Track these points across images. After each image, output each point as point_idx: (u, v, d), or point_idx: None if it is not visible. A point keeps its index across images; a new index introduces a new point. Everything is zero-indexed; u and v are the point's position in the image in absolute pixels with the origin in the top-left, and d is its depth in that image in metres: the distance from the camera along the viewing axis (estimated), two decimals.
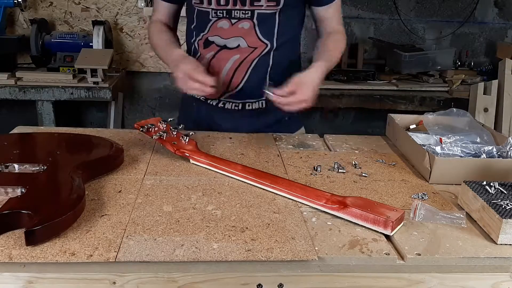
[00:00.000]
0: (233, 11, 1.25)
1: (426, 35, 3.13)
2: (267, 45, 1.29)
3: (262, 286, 0.73)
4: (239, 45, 1.28)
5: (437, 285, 0.76)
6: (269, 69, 1.33)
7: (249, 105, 1.37)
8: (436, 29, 3.13)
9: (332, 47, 1.31)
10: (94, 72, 2.36)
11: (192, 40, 1.37)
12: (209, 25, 1.30)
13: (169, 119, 1.24)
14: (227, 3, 1.25)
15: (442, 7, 3.09)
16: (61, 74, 2.43)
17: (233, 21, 1.27)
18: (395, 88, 2.80)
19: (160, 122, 1.20)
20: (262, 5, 1.24)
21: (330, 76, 2.81)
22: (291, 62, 1.37)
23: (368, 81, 2.85)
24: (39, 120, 2.42)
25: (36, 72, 2.49)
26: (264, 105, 1.38)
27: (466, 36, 3.17)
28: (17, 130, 1.28)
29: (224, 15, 1.27)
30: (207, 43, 1.32)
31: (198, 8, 1.30)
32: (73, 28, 2.80)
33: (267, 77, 1.30)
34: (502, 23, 3.16)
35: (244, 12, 1.25)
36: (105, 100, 2.44)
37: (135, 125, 1.17)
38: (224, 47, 1.29)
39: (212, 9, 1.27)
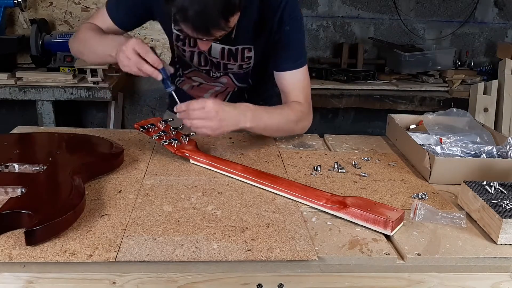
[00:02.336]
0: (211, 71, 1.34)
1: (426, 35, 3.13)
2: (243, 86, 1.39)
3: (262, 286, 0.72)
4: (220, 86, 1.39)
5: (437, 285, 0.76)
6: (246, 93, 1.41)
7: None
8: (436, 29, 3.13)
9: (275, 111, 1.21)
10: (94, 72, 2.36)
11: (175, 67, 1.46)
12: (191, 69, 1.38)
13: (169, 119, 1.24)
14: (206, 65, 1.31)
15: (442, 7, 3.09)
16: (61, 74, 2.43)
17: (212, 76, 1.37)
18: (395, 88, 2.80)
19: (160, 122, 1.20)
20: (234, 70, 1.32)
21: (330, 76, 2.81)
22: (266, 81, 1.44)
23: (368, 81, 2.85)
24: (39, 120, 2.42)
25: (36, 72, 2.49)
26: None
27: (466, 36, 3.17)
28: (17, 130, 1.28)
29: (203, 72, 1.36)
30: (189, 77, 1.41)
31: (181, 57, 1.35)
32: (73, 28, 2.80)
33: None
34: (502, 23, 3.16)
35: (220, 72, 1.35)
36: (105, 100, 2.44)
37: (135, 125, 1.17)
38: (206, 84, 1.39)
39: (193, 65, 1.35)
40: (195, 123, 1.06)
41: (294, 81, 1.26)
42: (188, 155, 1.10)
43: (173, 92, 1.14)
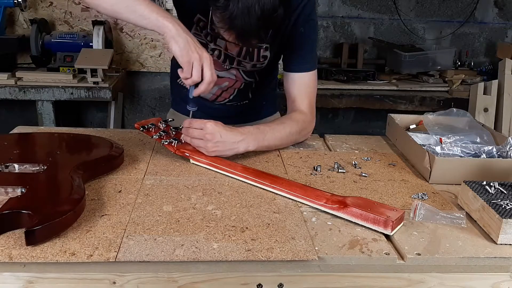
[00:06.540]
0: (223, 64, 1.32)
1: (426, 35, 3.13)
2: (250, 80, 1.37)
3: (262, 286, 0.73)
4: (228, 77, 1.35)
5: (437, 285, 0.76)
6: (250, 92, 1.41)
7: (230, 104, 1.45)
8: (436, 29, 3.13)
9: (277, 127, 1.20)
10: (94, 72, 2.36)
11: None
12: None
13: (169, 119, 1.24)
14: (219, 58, 1.30)
15: (442, 7, 3.09)
16: (61, 74, 2.43)
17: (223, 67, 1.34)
18: (395, 88, 2.80)
19: (160, 122, 1.20)
20: (245, 67, 1.31)
21: (330, 76, 2.81)
22: (270, 81, 1.47)
23: (368, 81, 2.85)
24: (39, 120, 2.42)
25: (36, 72, 2.49)
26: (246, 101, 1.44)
27: (466, 36, 3.17)
28: (17, 130, 1.28)
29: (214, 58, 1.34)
30: None
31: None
32: (73, 28, 2.80)
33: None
34: (502, 23, 3.16)
35: (232, 65, 1.32)
36: (105, 100, 2.44)
37: (135, 125, 1.18)
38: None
39: None
40: (193, 141, 1.09)
41: (301, 84, 1.27)
42: (188, 155, 1.10)
43: (191, 112, 1.15)
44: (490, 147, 1.10)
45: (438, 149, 1.10)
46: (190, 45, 1.03)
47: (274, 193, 0.97)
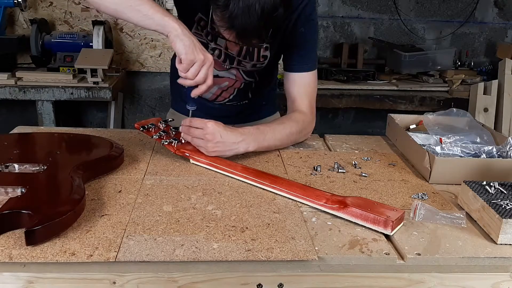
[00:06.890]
0: (223, 64, 1.32)
1: (426, 35, 3.13)
2: (250, 80, 1.37)
3: (262, 286, 0.72)
4: (228, 77, 1.35)
5: (437, 285, 0.76)
6: (250, 92, 1.41)
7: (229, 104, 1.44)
8: (436, 29, 3.13)
9: (278, 127, 1.21)
10: (94, 72, 2.36)
11: None
12: None
13: (169, 119, 1.24)
14: (219, 57, 1.29)
15: (442, 7, 3.09)
16: (61, 74, 2.43)
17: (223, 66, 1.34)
18: (395, 88, 2.80)
19: (160, 122, 1.20)
20: (245, 67, 1.31)
21: (330, 76, 2.82)
22: (270, 81, 1.47)
23: (368, 81, 2.85)
24: (39, 120, 2.42)
25: (36, 72, 2.49)
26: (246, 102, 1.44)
27: (466, 36, 3.17)
28: (17, 130, 1.28)
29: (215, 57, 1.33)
30: None
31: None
32: (73, 28, 2.80)
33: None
34: (502, 23, 3.16)
35: (232, 65, 1.32)
36: (105, 100, 2.44)
37: (135, 125, 1.18)
38: (216, 76, 1.35)
39: None
40: (194, 140, 1.10)
41: (301, 84, 1.27)
42: (188, 155, 1.10)
43: (191, 111, 1.15)
44: (490, 147, 1.11)
45: (438, 149, 1.10)
46: (196, 45, 1.04)
47: (274, 193, 0.97)
